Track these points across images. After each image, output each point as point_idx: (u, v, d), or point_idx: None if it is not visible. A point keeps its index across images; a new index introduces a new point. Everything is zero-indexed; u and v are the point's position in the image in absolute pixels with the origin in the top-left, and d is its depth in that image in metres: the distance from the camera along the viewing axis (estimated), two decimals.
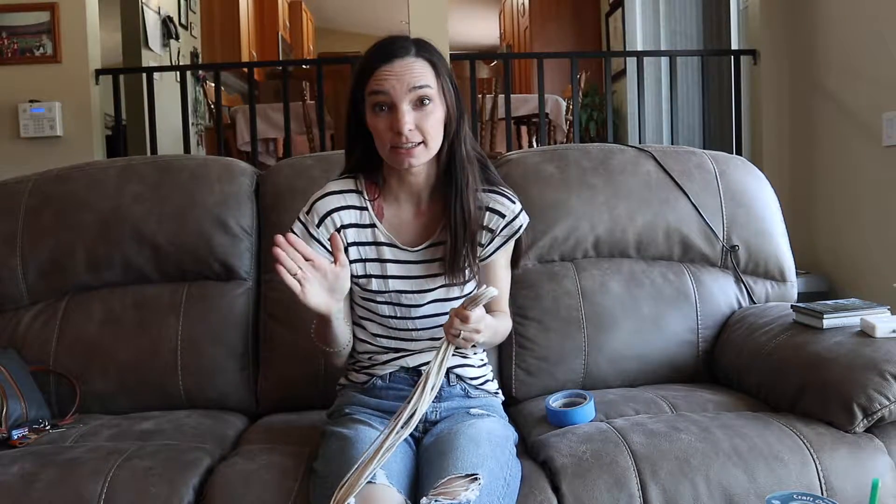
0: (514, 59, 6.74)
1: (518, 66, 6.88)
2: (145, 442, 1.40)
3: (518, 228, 1.38)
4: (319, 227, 1.35)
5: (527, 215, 1.40)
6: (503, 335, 1.44)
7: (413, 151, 1.26)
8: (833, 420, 1.34)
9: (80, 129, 3.40)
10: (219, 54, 6.28)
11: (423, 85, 1.26)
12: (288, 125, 3.54)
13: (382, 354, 1.38)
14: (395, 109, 1.25)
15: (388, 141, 1.27)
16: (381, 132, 1.27)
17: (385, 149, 1.28)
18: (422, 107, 1.26)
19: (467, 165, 1.33)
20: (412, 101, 1.25)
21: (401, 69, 1.25)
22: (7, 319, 1.74)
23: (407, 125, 1.24)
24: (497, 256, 1.39)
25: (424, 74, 1.27)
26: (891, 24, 2.58)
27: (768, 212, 1.84)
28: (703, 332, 1.73)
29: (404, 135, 1.24)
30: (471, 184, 1.33)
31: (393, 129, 1.25)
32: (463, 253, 1.32)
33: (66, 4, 3.38)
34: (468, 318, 1.17)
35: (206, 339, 1.68)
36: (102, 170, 1.82)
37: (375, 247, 1.36)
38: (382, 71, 1.25)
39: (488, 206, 1.36)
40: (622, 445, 1.29)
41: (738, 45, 3.95)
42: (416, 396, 1.14)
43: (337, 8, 9.45)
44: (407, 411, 1.13)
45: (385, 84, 1.25)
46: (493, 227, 1.36)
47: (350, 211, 1.36)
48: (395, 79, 1.25)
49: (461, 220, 1.31)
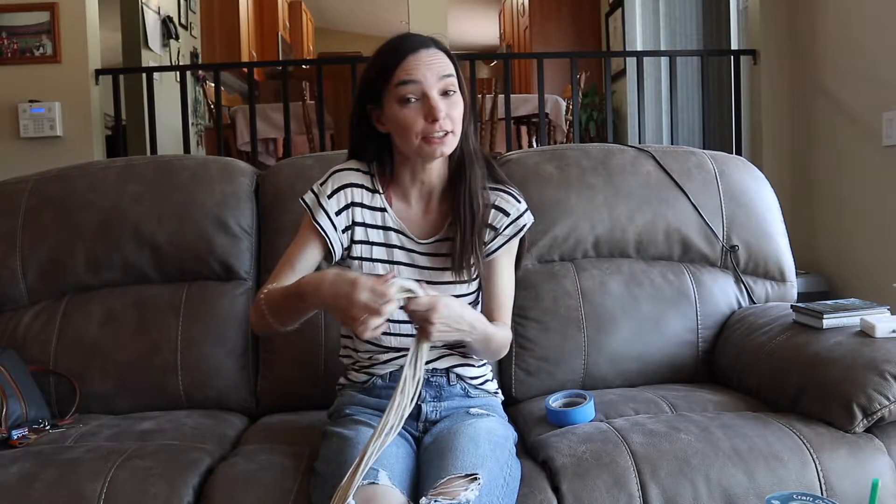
0: (514, 59, 6.74)
1: (518, 66, 6.88)
2: (145, 442, 1.40)
3: (522, 227, 1.38)
4: (331, 198, 1.35)
5: (532, 215, 1.40)
6: (499, 344, 1.36)
7: (445, 140, 1.27)
8: (833, 420, 1.34)
9: (80, 129, 3.40)
10: (219, 54, 6.27)
11: (450, 73, 1.28)
12: (288, 125, 3.54)
13: (383, 354, 1.38)
14: (427, 98, 1.25)
15: (419, 131, 1.26)
16: (412, 123, 1.26)
17: (414, 140, 1.27)
18: (448, 96, 1.27)
19: (476, 162, 1.34)
20: (440, 90, 1.27)
21: (428, 58, 1.27)
22: (7, 319, 1.74)
23: (442, 111, 1.25)
24: (499, 255, 1.39)
25: (449, 65, 1.29)
26: (891, 24, 2.58)
27: (768, 212, 1.85)
28: (702, 333, 1.73)
29: (440, 121, 1.25)
30: (479, 181, 1.34)
31: (427, 117, 1.25)
32: (470, 249, 1.32)
33: (66, 4, 3.38)
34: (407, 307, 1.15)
35: (205, 339, 1.68)
36: (102, 170, 1.82)
37: (384, 231, 1.37)
38: (410, 60, 1.26)
39: (494, 204, 1.36)
40: (622, 445, 1.29)
41: (738, 45, 3.95)
42: (397, 400, 1.13)
43: (337, 8, 9.45)
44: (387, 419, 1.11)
45: (416, 73, 1.25)
46: (496, 225, 1.36)
47: (363, 191, 1.37)
48: (424, 67, 1.26)
49: (469, 217, 1.32)
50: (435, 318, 1.16)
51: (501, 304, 1.39)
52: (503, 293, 1.40)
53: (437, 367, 1.37)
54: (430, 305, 1.15)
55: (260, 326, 1.32)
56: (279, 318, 1.27)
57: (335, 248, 1.35)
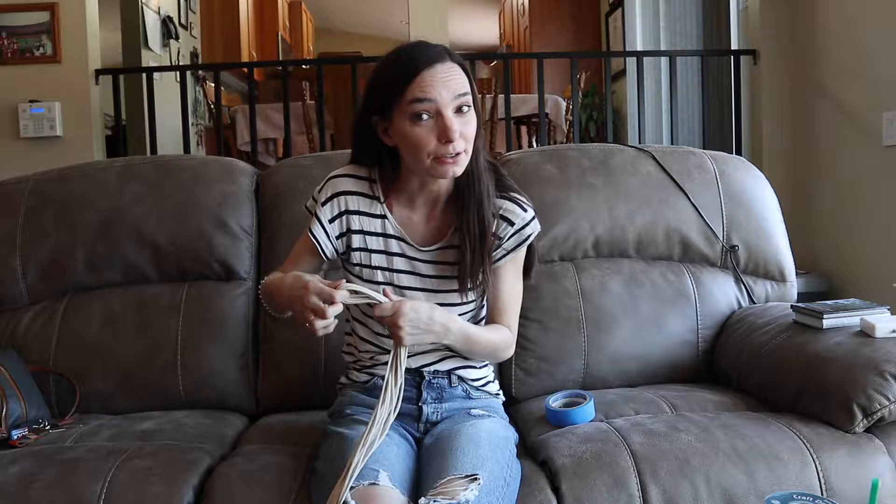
0: (514, 59, 6.73)
1: (518, 66, 6.87)
2: (145, 442, 1.40)
3: (527, 237, 1.34)
4: (325, 206, 1.34)
5: (538, 224, 1.36)
6: (490, 346, 1.34)
7: (457, 160, 1.23)
8: (833, 420, 1.34)
9: (80, 129, 3.41)
10: (219, 54, 6.28)
11: (465, 92, 1.22)
12: (288, 125, 3.54)
13: (385, 355, 1.37)
14: (442, 117, 1.20)
15: (431, 151, 1.22)
16: (424, 142, 1.21)
17: (425, 160, 1.23)
18: (463, 114, 1.22)
19: (484, 174, 1.30)
20: (455, 108, 1.21)
21: (444, 74, 1.21)
22: (7, 319, 1.74)
23: (456, 132, 1.20)
24: (504, 264, 1.35)
25: (464, 82, 1.23)
26: (891, 23, 2.58)
27: (768, 212, 1.85)
28: (702, 332, 1.74)
29: (454, 143, 1.20)
30: (488, 194, 1.30)
31: (441, 138, 1.20)
32: (479, 265, 1.29)
33: (66, 4, 3.38)
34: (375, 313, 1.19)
35: (206, 339, 1.68)
36: (102, 170, 1.82)
37: (383, 238, 1.34)
38: (426, 77, 1.20)
39: (499, 214, 1.32)
40: (622, 445, 1.29)
41: (738, 45, 3.94)
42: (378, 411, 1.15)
43: (337, 8, 9.45)
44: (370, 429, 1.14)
45: (432, 91, 1.19)
46: (500, 235, 1.32)
47: (360, 198, 1.35)
48: (440, 85, 1.20)
49: (478, 231, 1.28)
50: (402, 321, 1.17)
51: (501, 310, 1.37)
52: (503, 299, 1.37)
53: (439, 368, 1.36)
54: (394, 310, 1.18)
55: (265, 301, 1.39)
56: (272, 307, 1.36)
57: (327, 254, 1.36)
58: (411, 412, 1.35)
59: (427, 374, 1.35)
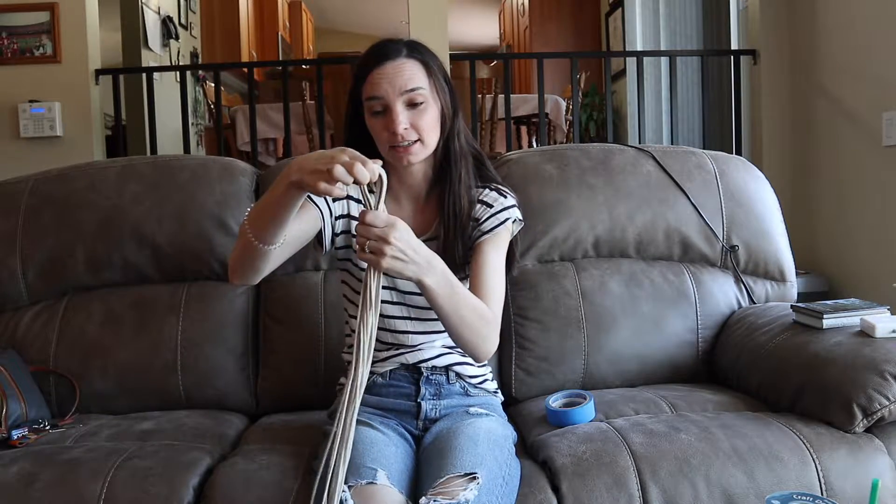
0: (514, 59, 6.74)
1: (518, 66, 6.88)
2: (145, 442, 1.40)
3: (505, 220, 1.35)
4: None
5: (519, 212, 1.39)
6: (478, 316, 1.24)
7: (410, 149, 1.30)
8: (833, 420, 1.34)
9: (80, 129, 3.40)
10: (219, 54, 6.27)
11: (414, 88, 1.29)
12: (288, 125, 3.54)
13: (383, 351, 1.38)
14: (390, 111, 1.28)
15: (385, 141, 1.31)
16: (379, 133, 1.31)
17: (384, 149, 1.32)
18: (415, 107, 1.30)
19: (461, 160, 1.36)
20: (404, 102, 1.29)
21: (392, 71, 1.28)
22: (7, 319, 1.74)
23: (401, 125, 1.28)
24: (483, 245, 1.33)
25: (416, 76, 1.30)
26: (891, 24, 2.58)
27: (768, 212, 1.84)
28: (702, 333, 1.73)
29: (399, 134, 1.28)
30: (464, 178, 1.35)
31: (389, 129, 1.29)
32: (456, 246, 1.33)
33: (66, 4, 3.37)
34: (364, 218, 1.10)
35: (205, 339, 1.68)
36: (102, 170, 1.82)
37: None
38: (374, 75, 1.29)
39: (479, 200, 1.38)
40: (622, 445, 1.29)
41: (737, 45, 3.95)
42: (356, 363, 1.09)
43: (337, 8, 9.45)
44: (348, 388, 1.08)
45: (378, 89, 1.28)
46: (477, 216, 1.36)
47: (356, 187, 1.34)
48: (386, 82, 1.28)
49: (453, 214, 1.34)
50: (393, 236, 1.09)
51: (480, 286, 1.30)
52: (482, 276, 1.31)
53: (437, 364, 1.37)
54: (389, 222, 1.10)
55: (238, 254, 1.25)
56: (256, 227, 1.19)
57: (326, 226, 1.35)
58: (410, 409, 1.35)
59: (425, 370, 1.37)
